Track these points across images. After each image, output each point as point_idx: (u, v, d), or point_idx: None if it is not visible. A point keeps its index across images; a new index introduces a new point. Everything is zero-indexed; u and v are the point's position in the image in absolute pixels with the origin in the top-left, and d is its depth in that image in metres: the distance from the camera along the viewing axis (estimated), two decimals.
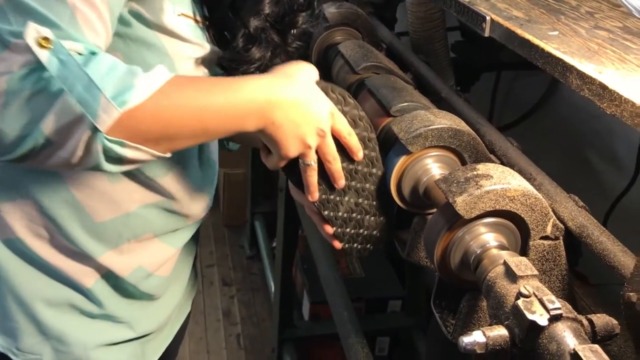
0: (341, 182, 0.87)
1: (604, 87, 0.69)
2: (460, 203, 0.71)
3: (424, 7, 1.32)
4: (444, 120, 0.86)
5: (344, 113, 0.86)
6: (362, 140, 0.88)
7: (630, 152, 1.28)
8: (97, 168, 0.68)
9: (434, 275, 0.82)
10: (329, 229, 0.91)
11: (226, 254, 2.88)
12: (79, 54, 0.64)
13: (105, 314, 0.92)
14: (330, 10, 1.29)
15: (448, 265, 0.77)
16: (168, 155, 0.73)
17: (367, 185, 0.91)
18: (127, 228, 0.89)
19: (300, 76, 0.80)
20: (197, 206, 0.96)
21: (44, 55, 0.61)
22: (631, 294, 0.64)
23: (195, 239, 1.05)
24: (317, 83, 0.84)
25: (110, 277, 0.91)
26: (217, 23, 0.81)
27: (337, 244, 0.93)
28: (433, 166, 0.87)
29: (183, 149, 0.75)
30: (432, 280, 0.83)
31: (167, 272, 0.98)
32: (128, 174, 0.86)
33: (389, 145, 0.92)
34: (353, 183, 0.90)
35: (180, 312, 1.09)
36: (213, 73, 0.86)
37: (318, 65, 1.33)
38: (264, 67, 0.86)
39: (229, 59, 0.82)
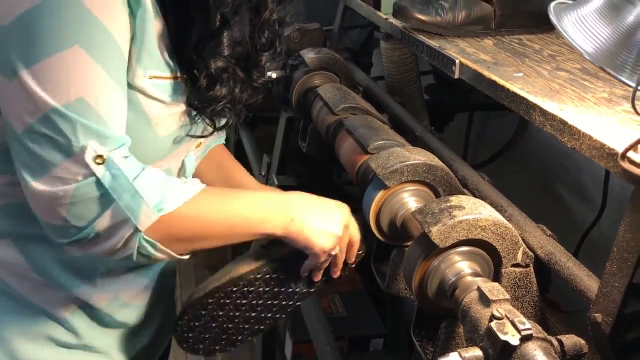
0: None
1: (564, 123, 0.75)
2: (435, 233, 0.75)
3: (398, 52, 1.39)
4: (419, 157, 0.91)
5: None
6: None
7: (597, 187, 1.35)
8: (129, 259, 0.80)
9: (414, 312, 0.86)
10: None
11: None
12: (125, 157, 0.77)
13: (83, 344, 0.94)
14: (309, 55, 1.36)
15: (426, 294, 0.80)
16: (186, 257, 0.86)
17: None
18: (102, 263, 0.91)
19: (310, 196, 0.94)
20: None
21: (99, 170, 0.74)
22: (597, 314, 0.68)
23: (171, 268, 1.07)
24: None
25: (86, 308, 0.93)
26: (186, 66, 0.86)
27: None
28: (409, 200, 0.91)
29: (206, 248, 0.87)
30: (413, 318, 0.86)
31: (144, 301, 1.00)
32: None
33: (367, 181, 0.97)
34: None
35: (161, 342, 1.10)
36: (186, 125, 0.91)
37: (298, 106, 1.39)
38: (231, 103, 0.91)
39: (196, 99, 0.87)
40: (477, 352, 0.65)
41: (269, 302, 0.96)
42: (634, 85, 0.64)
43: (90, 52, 0.73)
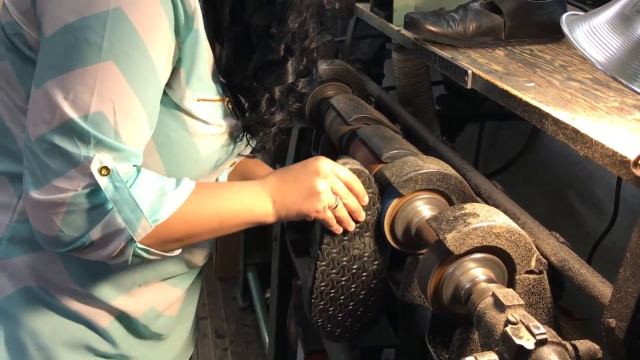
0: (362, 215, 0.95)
1: (576, 132, 0.76)
2: (450, 239, 0.76)
3: (409, 62, 1.40)
4: (433, 165, 0.92)
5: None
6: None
7: (609, 196, 1.35)
8: (123, 264, 0.82)
9: (427, 321, 0.87)
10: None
11: (219, 306, 2.88)
12: (128, 171, 0.78)
13: (120, 354, 0.96)
14: (322, 66, 1.37)
15: (441, 300, 0.81)
16: (178, 252, 0.87)
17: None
18: (141, 275, 0.94)
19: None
20: (203, 255, 1.04)
21: (103, 181, 0.75)
22: (610, 320, 0.69)
23: (199, 279, 1.10)
24: None
25: (123, 318, 0.95)
26: (237, 90, 0.89)
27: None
28: (424, 208, 0.92)
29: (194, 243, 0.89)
30: (425, 328, 0.87)
31: (175, 312, 1.02)
32: None
33: (381, 190, 0.98)
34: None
35: (186, 353, 1.13)
36: (228, 145, 0.93)
37: (311, 117, 1.41)
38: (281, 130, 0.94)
39: (256, 122, 0.90)
40: (492, 356, 0.66)
41: (349, 271, 0.99)
42: None
43: (123, 70, 0.74)
